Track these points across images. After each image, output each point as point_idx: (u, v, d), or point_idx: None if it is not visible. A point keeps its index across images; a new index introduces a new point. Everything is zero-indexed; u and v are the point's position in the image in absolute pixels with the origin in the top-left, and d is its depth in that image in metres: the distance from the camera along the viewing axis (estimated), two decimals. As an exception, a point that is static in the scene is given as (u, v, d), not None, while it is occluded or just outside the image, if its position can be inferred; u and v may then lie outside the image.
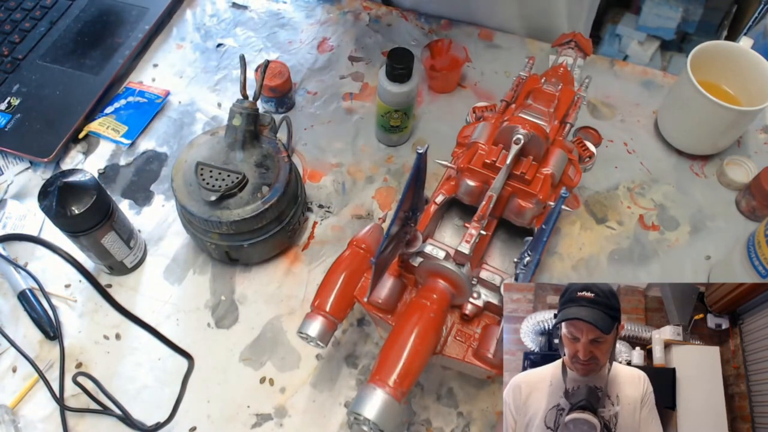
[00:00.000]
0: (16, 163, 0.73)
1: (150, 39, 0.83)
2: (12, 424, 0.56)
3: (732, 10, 1.55)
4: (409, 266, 0.51)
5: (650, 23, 1.57)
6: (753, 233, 0.57)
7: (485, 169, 0.53)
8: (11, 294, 0.63)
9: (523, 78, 0.64)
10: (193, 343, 0.60)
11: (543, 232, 0.46)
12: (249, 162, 0.58)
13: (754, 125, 0.76)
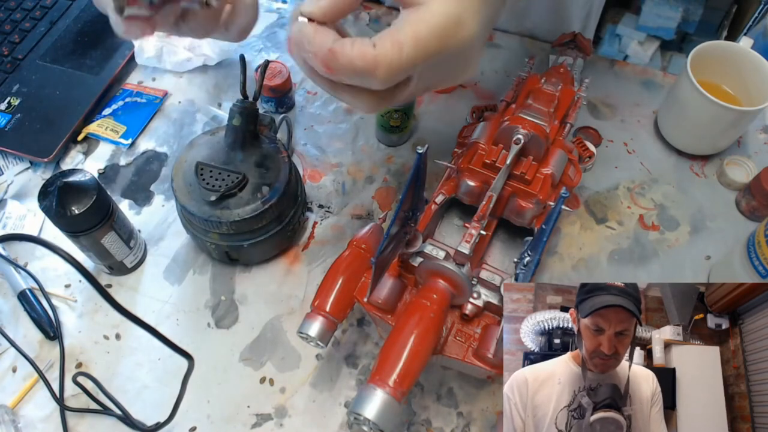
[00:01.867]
0: (16, 163, 0.73)
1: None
2: (12, 424, 0.56)
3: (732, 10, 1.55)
4: (409, 266, 0.51)
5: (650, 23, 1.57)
6: (753, 233, 0.57)
7: (485, 169, 0.53)
8: (11, 294, 0.63)
9: (523, 78, 0.64)
10: (193, 343, 0.60)
11: (543, 232, 0.46)
12: (249, 162, 0.58)
13: (754, 125, 0.76)
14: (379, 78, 0.37)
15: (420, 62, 0.38)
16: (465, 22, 0.39)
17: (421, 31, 0.37)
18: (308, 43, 0.37)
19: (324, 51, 0.37)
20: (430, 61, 0.38)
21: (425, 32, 0.37)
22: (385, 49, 0.37)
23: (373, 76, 0.37)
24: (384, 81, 0.38)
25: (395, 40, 0.37)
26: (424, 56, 0.38)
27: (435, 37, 0.37)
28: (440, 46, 0.38)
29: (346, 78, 0.38)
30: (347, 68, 0.37)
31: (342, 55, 0.37)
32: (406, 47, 0.37)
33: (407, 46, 0.37)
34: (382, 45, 0.37)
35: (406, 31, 0.37)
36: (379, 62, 0.37)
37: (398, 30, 0.37)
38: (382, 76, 0.37)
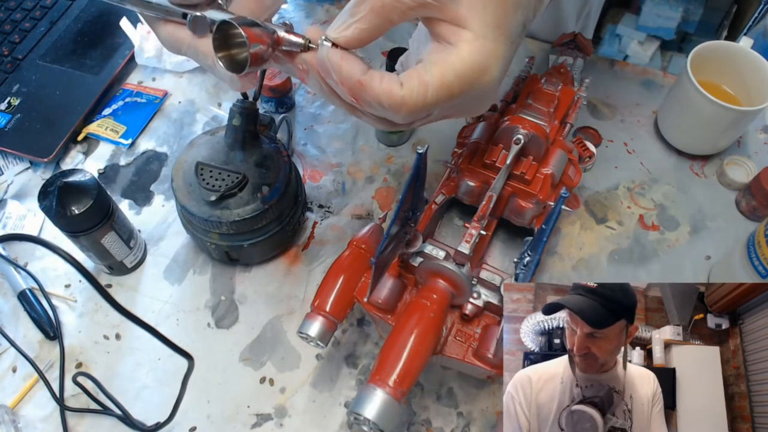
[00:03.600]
0: (16, 163, 0.73)
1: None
2: (12, 424, 0.56)
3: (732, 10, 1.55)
4: (409, 266, 0.51)
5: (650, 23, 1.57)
6: (753, 233, 0.57)
7: (485, 169, 0.53)
8: (11, 294, 0.63)
9: (523, 78, 0.64)
10: (193, 343, 0.60)
11: (543, 232, 0.46)
12: (249, 162, 0.58)
13: (754, 125, 0.76)
14: (402, 116, 0.39)
15: (442, 103, 0.39)
16: (490, 69, 0.40)
17: (448, 76, 0.39)
18: (335, 72, 0.38)
19: (352, 82, 0.38)
20: (452, 102, 0.40)
21: (451, 77, 0.39)
22: (412, 91, 0.38)
23: (397, 114, 0.39)
24: (406, 119, 0.40)
25: (422, 81, 0.38)
26: (448, 98, 0.39)
27: (460, 83, 0.39)
28: (464, 91, 0.39)
29: (368, 108, 0.40)
30: (373, 103, 0.39)
31: (370, 90, 0.38)
32: (431, 90, 0.38)
33: (432, 88, 0.38)
34: (409, 86, 0.38)
35: (433, 74, 0.38)
36: (405, 103, 0.38)
37: (426, 70, 0.39)
38: (405, 114, 0.39)
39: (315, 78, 0.41)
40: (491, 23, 0.39)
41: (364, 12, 0.38)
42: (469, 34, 0.39)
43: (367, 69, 0.39)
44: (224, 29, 0.39)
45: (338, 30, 0.39)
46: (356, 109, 0.41)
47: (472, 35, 0.39)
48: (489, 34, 0.39)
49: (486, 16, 0.39)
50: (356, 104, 0.40)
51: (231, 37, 0.39)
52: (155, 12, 0.43)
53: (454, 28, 0.39)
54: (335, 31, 0.39)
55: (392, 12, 0.38)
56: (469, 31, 0.39)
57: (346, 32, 0.38)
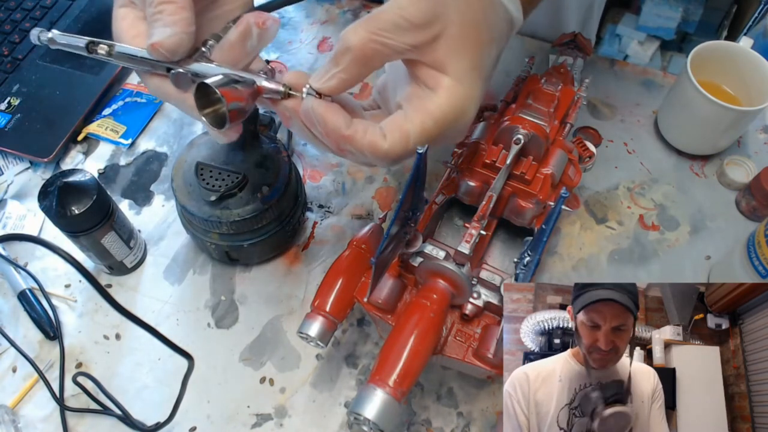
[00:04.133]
0: (16, 163, 0.73)
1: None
2: (12, 424, 0.56)
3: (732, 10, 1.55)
4: (409, 266, 0.51)
5: (650, 23, 1.57)
6: (753, 233, 0.57)
7: (485, 169, 0.53)
8: (11, 294, 0.63)
9: (523, 78, 0.64)
10: (193, 343, 0.60)
11: (543, 232, 0.46)
12: (249, 162, 0.58)
13: (754, 125, 0.76)
14: (386, 164, 0.43)
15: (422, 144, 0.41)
16: (467, 112, 0.42)
17: (427, 124, 0.41)
18: (320, 124, 0.40)
19: (337, 135, 0.40)
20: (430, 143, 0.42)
21: (430, 125, 0.41)
22: (395, 143, 0.40)
23: (381, 162, 0.42)
24: (390, 165, 0.43)
25: (404, 132, 0.41)
26: (428, 141, 0.41)
27: (438, 128, 0.41)
28: (443, 134, 0.42)
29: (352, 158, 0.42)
30: (356, 154, 0.41)
31: (354, 142, 0.40)
32: (413, 138, 0.41)
33: (414, 137, 0.41)
34: (392, 138, 0.40)
35: (414, 123, 0.41)
36: (389, 154, 0.41)
37: (407, 120, 0.41)
38: (388, 163, 0.42)
39: (298, 124, 0.42)
40: (468, 67, 0.41)
41: (347, 62, 0.39)
42: (448, 80, 0.40)
43: (351, 121, 0.40)
44: (204, 89, 0.40)
45: (322, 80, 0.40)
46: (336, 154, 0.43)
47: (451, 81, 0.40)
48: (466, 79, 0.41)
49: (464, 60, 0.41)
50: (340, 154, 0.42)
51: (211, 95, 0.40)
52: (140, 66, 0.44)
53: (433, 72, 0.41)
54: (319, 82, 0.40)
55: (374, 60, 0.40)
56: (448, 77, 0.41)
57: (329, 83, 0.40)
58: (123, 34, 0.44)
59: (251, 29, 0.42)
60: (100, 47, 0.44)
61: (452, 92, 0.41)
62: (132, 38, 0.43)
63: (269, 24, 0.42)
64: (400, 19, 0.39)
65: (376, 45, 0.39)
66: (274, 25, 0.43)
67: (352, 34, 0.39)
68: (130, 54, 0.43)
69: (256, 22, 0.42)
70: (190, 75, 0.42)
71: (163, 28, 0.40)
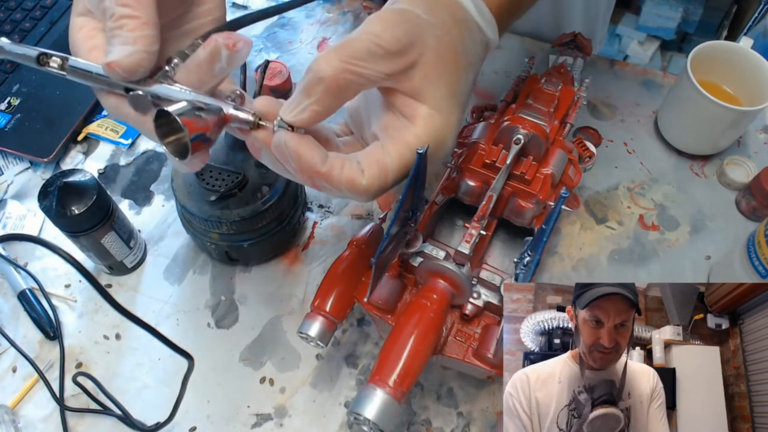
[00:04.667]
0: (16, 163, 0.73)
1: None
2: (12, 424, 0.56)
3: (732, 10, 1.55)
4: (409, 266, 0.51)
5: (650, 23, 1.57)
6: (753, 233, 0.57)
7: (485, 169, 0.53)
8: (11, 294, 0.63)
9: (523, 78, 0.64)
10: (193, 343, 0.60)
11: (543, 232, 0.46)
12: (249, 162, 0.58)
13: (754, 125, 0.76)
14: (364, 199, 0.40)
15: (401, 178, 0.40)
16: (445, 142, 0.41)
17: (406, 156, 0.39)
18: (293, 160, 0.37)
19: (312, 172, 0.37)
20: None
21: (409, 156, 0.39)
22: (373, 178, 0.38)
23: (359, 198, 0.40)
24: (368, 201, 0.41)
25: (382, 166, 0.39)
26: (407, 174, 0.40)
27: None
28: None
29: (328, 193, 0.40)
30: (333, 191, 0.39)
31: (331, 180, 0.38)
32: (392, 172, 0.39)
33: (392, 171, 0.39)
34: (371, 173, 0.38)
35: (392, 156, 0.39)
36: (368, 190, 0.39)
37: (385, 153, 0.39)
38: (367, 198, 0.40)
39: (269, 156, 0.39)
40: (446, 94, 0.39)
41: (320, 93, 0.37)
42: (426, 109, 0.39)
43: (327, 156, 0.38)
44: (165, 116, 0.37)
45: (294, 113, 0.37)
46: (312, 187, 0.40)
47: (429, 110, 0.39)
48: (444, 107, 0.40)
49: (441, 87, 0.39)
50: (314, 188, 0.40)
51: (173, 122, 0.37)
52: (95, 83, 0.40)
53: (409, 101, 0.39)
54: (290, 114, 0.37)
55: (348, 90, 0.37)
56: (426, 106, 0.39)
57: (302, 115, 0.37)
58: (79, 46, 0.40)
59: (220, 51, 0.38)
60: (53, 60, 0.40)
61: (430, 122, 0.39)
62: (88, 51, 0.40)
63: (240, 46, 0.38)
64: (375, 47, 0.37)
65: (350, 75, 0.36)
66: (245, 47, 0.39)
67: (324, 63, 0.36)
68: (84, 69, 0.39)
69: (225, 44, 0.37)
70: (150, 98, 0.39)
71: (122, 46, 0.37)
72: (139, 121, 0.40)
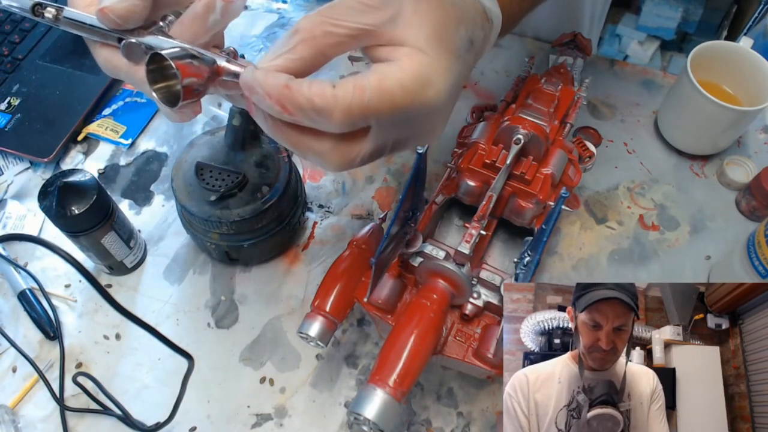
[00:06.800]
0: (16, 163, 0.73)
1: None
2: (12, 424, 0.56)
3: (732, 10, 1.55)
4: (409, 266, 0.51)
5: (650, 23, 1.57)
6: (753, 233, 0.57)
7: (485, 169, 0.53)
8: (11, 294, 0.63)
9: (523, 78, 0.64)
10: (193, 343, 0.60)
11: (543, 232, 0.46)
12: (249, 162, 0.58)
13: (754, 125, 0.76)
14: (336, 119, 0.36)
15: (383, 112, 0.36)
16: (432, 83, 0.38)
17: (386, 82, 0.36)
18: (259, 86, 0.35)
19: (278, 89, 0.35)
20: (393, 116, 0.37)
21: (390, 83, 0.36)
22: (346, 91, 0.35)
23: (330, 116, 0.36)
24: (341, 123, 0.36)
25: (358, 84, 0.36)
26: (389, 107, 0.36)
27: (400, 91, 0.36)
28: (405, 101, 0.37)
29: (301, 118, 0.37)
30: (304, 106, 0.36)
31: (298, 93, 0.35)
32: (368, 92, 0.36)
33: (369, 91, 0.36)
34: (343, 87, 0.36)
35: (371, 79, 0.36)
36: (338, 101, 0.35)
37: (363, 76, 0.36)
38: (339, 116, 0.36)
39: (261, 113, 0.38)
40: (431, 36, 0.38)
41: (295, 43, 0.37)
42: (407, 49, 0.37)
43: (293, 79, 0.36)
44: (158, 60, 0.37)
45: (267, 60, 0.37)
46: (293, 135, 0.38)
47: (410, 49, 0.37)
48: (429, 48, 0.38)
49: (423, 30, 0.38)
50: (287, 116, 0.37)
51: (166, 68, 0.37)
52: (89, 34, 0.41)
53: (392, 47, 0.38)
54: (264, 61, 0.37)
55: (325, 45, 0.37)
56: (408, 47, 0.38)
57: (275, 61, 0.37)
58: (77, 3, 0.41)
59: (215, 2, 0.39)
60: (48, 10, 0.40)
61: (413, 58, 0.37)
62: (86, 6, 0.40)
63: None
64: (355, 3, 0.37)
65: (327, 26, 0.36)
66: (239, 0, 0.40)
67: (303, 19, 0.37)
68: (78, 20, 0.40)
69: None
70: (143, 47, 0.39)
71: None
72: (131, 71, 0.40)
